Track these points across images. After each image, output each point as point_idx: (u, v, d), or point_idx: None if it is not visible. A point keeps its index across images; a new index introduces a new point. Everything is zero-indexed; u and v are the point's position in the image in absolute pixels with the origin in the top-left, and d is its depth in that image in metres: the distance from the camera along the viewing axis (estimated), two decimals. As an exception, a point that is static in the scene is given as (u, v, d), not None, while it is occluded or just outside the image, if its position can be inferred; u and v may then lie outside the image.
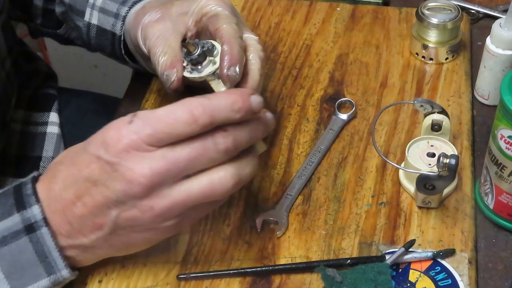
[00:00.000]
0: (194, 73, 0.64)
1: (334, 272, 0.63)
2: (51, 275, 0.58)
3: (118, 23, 0.77)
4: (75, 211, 0.56)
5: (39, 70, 0.99)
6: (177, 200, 0.55)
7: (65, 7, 0.83)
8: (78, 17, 0.81)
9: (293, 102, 0.82)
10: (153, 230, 0.57)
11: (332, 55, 0.88)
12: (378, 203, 0.71)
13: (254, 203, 0.71)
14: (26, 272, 0.57)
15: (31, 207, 0.57)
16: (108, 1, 0.78)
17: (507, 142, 0.62)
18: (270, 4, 0.96)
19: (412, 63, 0.86)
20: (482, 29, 0.91)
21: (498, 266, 0.66)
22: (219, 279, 0.65)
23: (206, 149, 0.54)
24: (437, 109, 0.71)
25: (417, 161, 0.70)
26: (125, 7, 0.76)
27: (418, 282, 0.64)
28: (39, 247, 0.57)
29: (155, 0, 0.74)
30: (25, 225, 0.57)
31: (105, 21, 0.78)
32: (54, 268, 0.58)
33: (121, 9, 0.77)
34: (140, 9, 0.74)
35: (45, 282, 0.58)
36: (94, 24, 0.80)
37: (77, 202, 0.56)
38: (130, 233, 0.57)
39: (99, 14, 0.79)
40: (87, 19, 0.80)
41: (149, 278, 0.65)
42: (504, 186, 0.66)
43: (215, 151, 0.54)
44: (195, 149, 0.54)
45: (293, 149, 0.76)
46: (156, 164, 0.53)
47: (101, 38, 0.80)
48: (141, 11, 0.73)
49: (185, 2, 0.70)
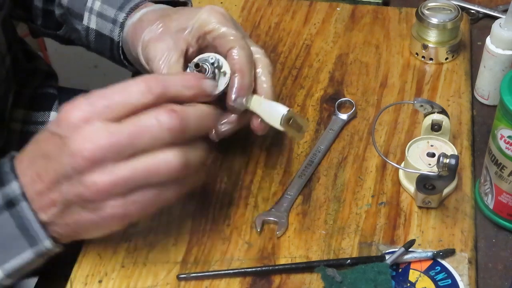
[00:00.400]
0: None
1: (334, 272, 0.63)
2: (34, 246, 0.59)
3: (116, 29, 0.76)
4: (36, 187, 0.57)
5: (39, 69, 0.99)
6: (120, 176, 0.55)
7: (63, 10, 0.83)
8: (77, 21, 0.81)
9: (293, 102, 0.82)
10: (101, 211, 0.56)
11: (332, 55, 0.88)
12: (378, 203, 0.71)
13: (254, 203, 0.71)
14: (10, 246, 0.58)
15: (10, 184, 0.58)
16: (105, 6, 0.78)
17: (507, 142, 0.62)
18: (270, 4, 0.96)
19: (412, 63, 0.86)
20: (482, 29, 0.91)
21: (498, 266, 0.66)
22: (219, 279, 0.65)
23: (150, 125, 0.55)
24: (437, 109, 0.71)
25: (417, 161, 0.70)
26: (123, 13, 0.75)
27: (418, 282, 0.64)
28: (20, 221, 0.58)
29: (153, 10, 0.73)
30: (6, 201, 0.58)
31: (103, 26, 0.78)
32: (37, 240, 0.58)
33: (119, 15, 0.76)
34: (137, 21, 0.73)
35: (29, 254, 0.59)
36: (93, 29, 0.79)
37: (37, 179, 0.57)
38: (81, 211, 0.57)
39: (97, 19, 0.78)
40: (85, 23, 0.80)
41: (149, 278, 0.65)
42: (504, 186, 0.66)
43: (158, 128, 0.54)
44: (139, 124, 0.54)
45: (293, 149, 0.76)
46: (99, 138, 0.54)
47: (100, 43, 0.80)
48: (138, 24, 0.72)
49: (183, 16, 0.70)
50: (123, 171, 0.55)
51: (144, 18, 0.72)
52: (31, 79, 0.97)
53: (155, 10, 0.73)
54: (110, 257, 0.67)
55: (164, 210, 0.70)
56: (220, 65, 0.65)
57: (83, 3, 0.80)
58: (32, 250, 0.59)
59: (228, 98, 0.65)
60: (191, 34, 0.68)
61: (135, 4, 0.75)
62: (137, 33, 0.71)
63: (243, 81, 0.65)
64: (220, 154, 0.75)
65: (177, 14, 0.71)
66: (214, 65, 0.65)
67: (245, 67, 0.65)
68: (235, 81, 0.65)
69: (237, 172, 0.74)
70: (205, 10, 0.68)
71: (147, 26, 0.70)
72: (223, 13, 0.68)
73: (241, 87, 0.65)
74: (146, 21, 0.71)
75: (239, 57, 0.65)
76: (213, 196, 0.72)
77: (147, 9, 0.74)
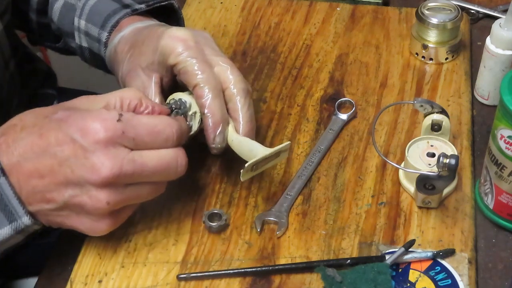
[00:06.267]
0: None
1: (334, 272, 0.63)
2: (12, 222, 0.59)
3: (102, 48, 0.76)
4: (31, 182, 0.58)
5: (38, 70, 0.99)
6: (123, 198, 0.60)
7: (55, 26, 0.83)
8: (70, 39, 0.81)
9: (293, 102, 0.82)
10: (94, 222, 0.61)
11: (332, 55, 0.88)
12: (378, 203, 0.71)
13: (254, 203, 0.71)
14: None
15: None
16: (89, 25, 0.77)
17: (507, 142, 0.62)
18: (270, 4, 0.96)
19: (412, 63, 0.86)
20: (482, 29, 0.91)
21: (498, 266, 0.66)
22: (219, 279, 0.65)
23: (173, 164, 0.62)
24: (437, 109, 0.71)
25: (417, 161, 0.70)
26: (105, 32, 0.74)
27: (418, 282, 0.64)
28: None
29: (124, 38, 0.72)
30: None
31: (92, 45, 0.78)
32: (15, 215, 0.59)
33: (101, 34, 0.75)
34: (113, 52, 0.73)
35: (7, 230, 0.59)
36: (86, 47, 0.79)
37: (35, 174, 0.58)
38: (72, 215, 0.60)
39: (86, 37, 0.78)
40: (78, 42, 0.79)
41: (149, 278, 0.65)
42: (504, 186, 0.66)
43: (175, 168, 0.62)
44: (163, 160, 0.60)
45: (293, 149, 0.76)
46: (126, 166, 0.58)
47: (95, 59, 0.79)
48: (114, 56, 0.73)
49: (149, 47, 0.68)
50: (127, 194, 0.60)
51: (118, 49, 0.72)
52: (30, 79, 0.97)
53: (127, 37, 0.72)
54: (110, 257, 0.67)
55: (164, 210, 0.70)
56: (188, 108, 0.66)
57: (71, 22, 0.79)
58: (10, 226, 0.59)
59: (208, 141, 0.66)
60: (160, 67, 0.67)
61: (116, 21, 0.74)
62: (114, 64, 0.73)
63: (215, 119, 0.65)
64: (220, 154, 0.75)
65: (143, 45, 0.69)
66: (181, 110, 0.66)
67: (212, 104, 0.65)
68: (208, 122, 0.65)
69: (237, 172, 0.74)
70: (164, 41, 0.66)
71: (121, 60, 0.71)
72: (183, 38, 0.66)
73: (215, 126, 0.65)
74: (119, 53, 0.72)
75: (205, 94, 0.65)
76: (213, 196, 0.72)
77: (124, 31, 0.73)
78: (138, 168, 0.59)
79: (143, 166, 0.59)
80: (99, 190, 0.58)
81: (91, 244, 0.68)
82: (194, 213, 0.70)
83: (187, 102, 0.66)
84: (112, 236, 0.67)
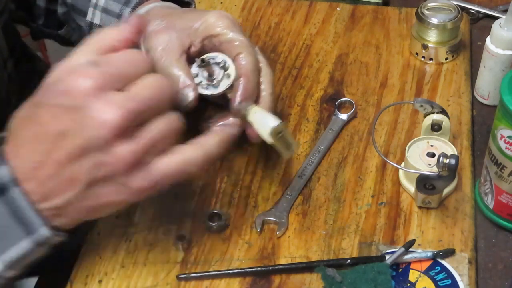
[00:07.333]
0: (211, 88, 0.65)
1: (334, 272, 0.63)
2: (31, 235, 0.56)
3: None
4: (47, 170, 0.53)
5: (38, 70, 0.99)
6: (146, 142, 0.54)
7: (67, 8, 0.83)
8: (80, 17, 0.81)
9: (293, 102, 0.82)
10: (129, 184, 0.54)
11: (332, 55, 0.88)
12: (378, 203, 0.71)
13: (254, 203, 0.71)
14: (5, 236, 0.56)
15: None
16: (110, 1, 0.78)
17: (507, 142, 0.62)
18: (270, 4, 0.96)
19: (412, 63, 0.86)
20: (482, 29, 0.91)
21: (498, 266, 0.66)
22: (219, 279, 0.65)
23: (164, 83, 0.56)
24: (437, 109, 0.71)
25: (417, 161, 0.70)
26: (128, 8, 0.76)
27: (418, 282, 0.64)
28: (13, 209, 0.55)
29: (159, 7, 0.73)
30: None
31: (107, 21, 0.78)
32: (33, 228, 0.55)
33: (124, 9, 0.76)
34: (144, 14, 0.73)
35: (27, 243, 0.56)
36: (97, 24, 0.79)
37: (47, 161, 0.53)
38: (103, 190, 0.54)
39: (102, 14, 0.78)
40: (89, 19, 0.80)
41: (149, 278, 0.65)
42: (504, 186, 0.66)
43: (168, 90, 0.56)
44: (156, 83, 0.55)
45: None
46: (128, 104, 0.52)
47: None
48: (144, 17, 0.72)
49: (189, 16, 0.69)
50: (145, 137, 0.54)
51: (150, 12, 0.73)
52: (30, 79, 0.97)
53: (162, 6, 0.73)
54: (110, 257, 0.67)
55: (164, 210, 0.70)
56: (226, 66, 0.65)
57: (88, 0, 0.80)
58: (29, 239, 0.56)
59: (233, 101, 0.65)
60: (196, 34, 0.67)
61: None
62: None
63: (248, 86, 0.65)
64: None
65: (183, 13, 0.71)
66: (220, 65, 0.65)
67: (251, 73, 0.66)
68: (241, 85, 0.65)
69: (237, 172, 0.74)
70: (213, 14, 0.68)
71: (152, 20, 0.69)
72: (232, 19, 0.68)
73: (246, 91, 0.65)
74: (152, 15, 0.71)
75: (246, 63, 0.65)
76: (213, 196, 0.72)
77: (154, 4, 0.74)
78: (140, 102, 0.53)
79: (143, 98, 0.53)
80: (115, 144, 0.52)
81: (91, 244, 0.68)
82: (194, 213, 0.70)
83: (228, 62, 0.66)
84: (112, 236, 0.67)
